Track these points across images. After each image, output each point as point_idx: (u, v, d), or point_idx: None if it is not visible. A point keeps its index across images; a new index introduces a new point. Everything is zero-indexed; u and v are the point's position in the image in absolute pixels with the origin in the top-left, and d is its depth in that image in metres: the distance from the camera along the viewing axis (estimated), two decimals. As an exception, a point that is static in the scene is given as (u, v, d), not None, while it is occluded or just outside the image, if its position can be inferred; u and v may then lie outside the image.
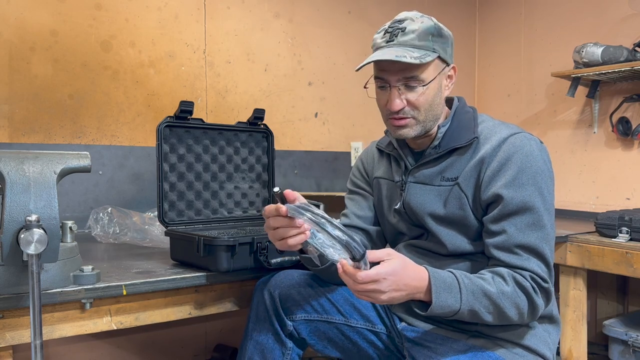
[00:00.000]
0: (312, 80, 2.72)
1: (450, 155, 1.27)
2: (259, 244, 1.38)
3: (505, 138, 1.21)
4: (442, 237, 1.26)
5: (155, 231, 1.83)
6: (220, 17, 2.43)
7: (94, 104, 2.14)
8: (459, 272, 1.14)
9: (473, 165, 1.23)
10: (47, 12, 2.04)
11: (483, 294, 1.12)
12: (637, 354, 2.24)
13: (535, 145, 1.21)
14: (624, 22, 2.62)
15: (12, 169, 1.07)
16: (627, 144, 2.64)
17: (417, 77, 1.19)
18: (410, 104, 1.21)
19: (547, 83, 2.95)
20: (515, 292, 1.13)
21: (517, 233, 1.16)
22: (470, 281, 1.12)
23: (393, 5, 2.97)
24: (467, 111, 1.31)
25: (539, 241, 1.16)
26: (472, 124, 1.27)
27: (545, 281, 1.16)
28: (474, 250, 1.25)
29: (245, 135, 1.73)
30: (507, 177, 1.17)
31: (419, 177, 1.30)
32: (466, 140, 1.24)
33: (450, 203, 1.24)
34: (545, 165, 1.20)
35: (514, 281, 1.14)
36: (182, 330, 2.31)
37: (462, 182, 1.23)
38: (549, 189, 1.20)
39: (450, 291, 1.10)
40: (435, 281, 1.10)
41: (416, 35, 1.19)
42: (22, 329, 1.16)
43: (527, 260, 1.15)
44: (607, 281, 2.74)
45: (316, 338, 1.36)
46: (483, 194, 1.20)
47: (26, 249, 1.00)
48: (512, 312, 1.14)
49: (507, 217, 1.17)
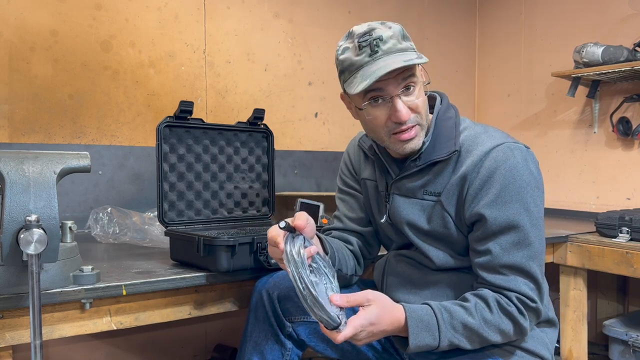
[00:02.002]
0: (312, 80, 2.71)
1: (431, 169, 1.22)
2: (259, 244, 1.38)
3: (487, 152, 1.16)
4: (428, 252, 1.25)
5: (155, 231, 1.83)
6: (220, 17, 2.42)
7: (94, 104, 2.14)
8: (438, 306, 1.12)
9: (455, 182, 1.19)
10: (47, 12, 2.04)
11: (464, 327, 1.11)
12: (637, 354, 2.24)
13: (519, 156, 1.15)
14: (624, 22, 2.62)
15: (12, 169, 1.07)
16: (627, 144, 2.64)
17: (414, 79, 1.15)
18: (412, 110, 1.16)
19: (547, 83, 2.95)
20: (499, 319, 1.12)
21: (501, 253, 1.13)
22: (450, 315, 1.11)
23: (393, 5, 2.97)
24: (449, 117, 1.25)
25: (525, 260, 1.13)
26: (453, 133, 1.21)
27: (533, 301, 1.13)
28: (461, 265, 1.24)
29: (245, 135, 1.73)
30: (490, 196, 1.14)
31: (402, 189, 1.28)
32: (447, 153, 1.19)
33: (434, 220, 1.23)
34: (531, 176, 1.16)
35: (498, 306, 1.12)
36: (182, 330, 2.31)
37: (444, 200, 1.20)
38: (535, 201, 1.16)
39: (429, 330, 1.09)
40: (412, 322, 1.09)
41: (396, 39, 1.13)
42: (22, 329, 1.16)
43: (514, 281, 1.13)
44: (607, 281, 2.74)
45: (315, 339, 1.36)
46: (466, 212, 1.17)
47: (26, 249, 1.00)
48: (495, 338, 1.13)
49: (491, 237, 1.14)
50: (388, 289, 1.35)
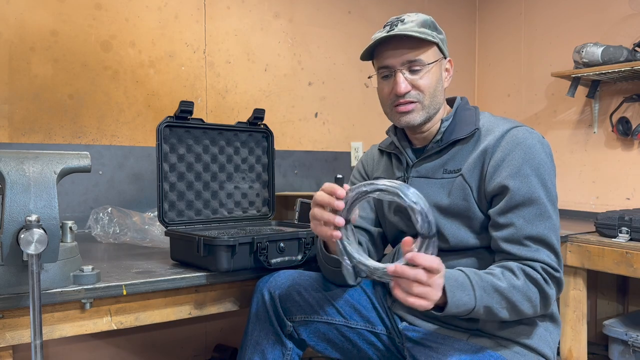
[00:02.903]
0: (312, 80, 2.72)
1: (452, 148, 1.29)
2: (259, 244, 1.38)
3: (508, 130, 1.24)
4: (444, 229, 1.26)
5: (155, 231, 1.83)
6: (220, 17, 2.43)
7: (94, 104, 2.14)
8: (468, 269, 1.13)
9: (476, 156, 1.24)
10: (47, 12, 2.04)
11: (494, 290, 1.11)
12: (637, 354, 2.24)
13: (536, 139, 1.23)
14: (624, 22, 2.62)
15: (12, 169, 1.07)
16: (627, 144, 2.64)
17: (420, 60, 1.25)
18: (415, 87, 1.26)
19: (547, 83, 2.95)
20: (526, 285, 1.13)
21: (525, 225, 1.17)
22: (480, 278, 1.11)
23: (393, 5, 2.97)
24: (469, 108, 1.35)
25: (547, 231, 1.17)
26: (473, 118, 1.30)
27: (556, 270, 1.17)
28: (477, 245, 1.25)
29: (245, 135, 1.73)
30: (512, 168, 1.19)
31: (421, 171, 1.32)
32: (467, 132, 1.27)
33: (454, 194, 1.25)
34: (547, 158, 1.22)
35: (524, 274, 1.14)
36: (182, 330, 2.31)
37: (465, 173, 1.24)
38: (552, 181, 1.22)
39: (464, 289, 1.08)
40: (448, 280, 1.06)
41: (415, 24, 1.25)
42: (22, 329, 1.16)
43: (537, 252, 1.16)
44: (607, 281, 2.74)
45: (316, 339, 1.36)
46: (488, 184, 1.21)
47: (26, 249, 1.00)
48: (525, 306, 1.14)
49: (514, 209, 1.18)
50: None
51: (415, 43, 1.25)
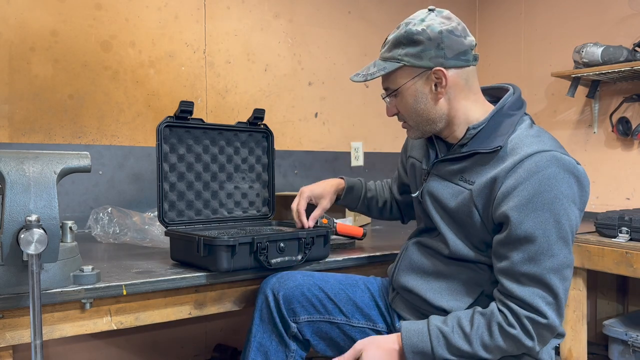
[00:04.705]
0: (312, 80, 2.72)
1: (472, 157, 1.22)
2: (259, 244, 1.38)
3: (530, 154, 1.13)
4: (446, 234, 1.26)
5: (155, 231, 1.83)
6: (220, 17, 2.43)
7: (94, 104, 2.14)
8: (436, 331, 1.15)
9: (490, 177, 1.16)
10: (47, 12, 2.04)
11: (459, 351, 1.13)
12: (637, 354, 2.24)
13: (562, 167, 1.11)
14: (624, 22, 2.62)
15: (12, 169, 1.07)
16: (627, 144, 2.64)
17: (388, 88, 1.29)
18: (398, 111, 1.31)
19: (547, 83, 2.95)
20: (500, 341, 1.11)
21: (521, 262, 1.10)
22: (447, 341, 1.13)
23: (393, 5, 2.97)
24: (510, 114, 1.23)
25: (546, 272, 1.09)
26: (507, 130, 1.20)
27: (544, 317, 1.09)
28: (474, 259, 1.23)
29: (245, 135, 1.73)
30: (520, 199, 1.10)
31: (440, 172, 1.30)
32: (491, 147, 1.18)
33: (461, 206, 1.22)
34: (569, 189, 1.10)
35: (499, 330, 1.11)
36: (182, 330, 2.31)
37: (475, 191, 1.19)
38: (568, 215, 1.10)
39: (424, 356, 1.14)
40: (407, 348, 1.15)
41: (387, 47, 1.27)
42: (22, 329, 1.16)
43: (530, 292, 1.10)
44: (607, 281, 2.74)
45: (318, 338, 1.37)
46: (495, 211, 1.15)
47: (26, 249, 1.00)
48: (495, 356, 1.14)
49: (514, 243, 1.12)
50: (398, 273, 1.37)
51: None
